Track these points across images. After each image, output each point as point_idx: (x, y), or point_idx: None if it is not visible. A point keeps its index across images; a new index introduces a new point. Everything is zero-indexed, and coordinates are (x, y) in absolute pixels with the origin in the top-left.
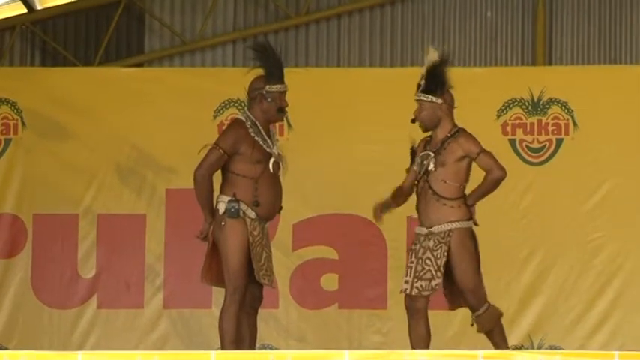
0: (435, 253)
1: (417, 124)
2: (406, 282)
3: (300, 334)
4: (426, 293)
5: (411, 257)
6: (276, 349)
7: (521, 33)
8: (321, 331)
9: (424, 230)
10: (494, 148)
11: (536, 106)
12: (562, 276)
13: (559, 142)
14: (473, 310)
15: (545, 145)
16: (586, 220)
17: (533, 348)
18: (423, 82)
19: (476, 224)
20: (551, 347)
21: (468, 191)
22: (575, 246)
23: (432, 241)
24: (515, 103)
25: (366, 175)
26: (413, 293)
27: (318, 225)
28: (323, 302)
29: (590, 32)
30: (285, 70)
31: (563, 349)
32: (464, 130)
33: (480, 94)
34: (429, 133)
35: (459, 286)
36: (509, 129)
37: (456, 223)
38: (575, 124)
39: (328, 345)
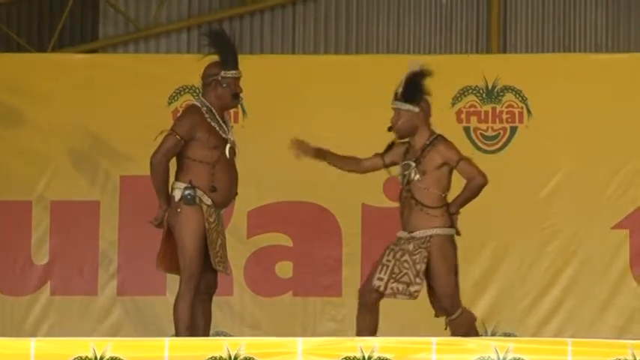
0: (413, 258)
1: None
2: (379, 279)
3: (254, 321)
4: (403, 297)
5: (388, 256)
6: (230, 336)
7: (475, 20)
8: (276, 318)
9: (405, 234)
10: (448, 135)
11: (491, 94)
12: (516, 263)
13: (513, 129)
14: (447, 314)
15: (500, 133)
16: (540, 208)
17: (486, 335)
18: (400, 91)
19: (458, 233)
20: (504, 334)
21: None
22: (529, 234)
23: (411, 245)
24: (470, 91)
25: (320, 162)
26: (386, 293)
27: (273, 212)
28: (277, 290)
29: (545, 20)
30: (240, 57)
31: (517, 336)
32: (442, 137)
33: (435, 81)
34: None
35: (435, 290)
36: (463, 117)
37: (437, 229)
38: (529, 112)
39: (282, 332)
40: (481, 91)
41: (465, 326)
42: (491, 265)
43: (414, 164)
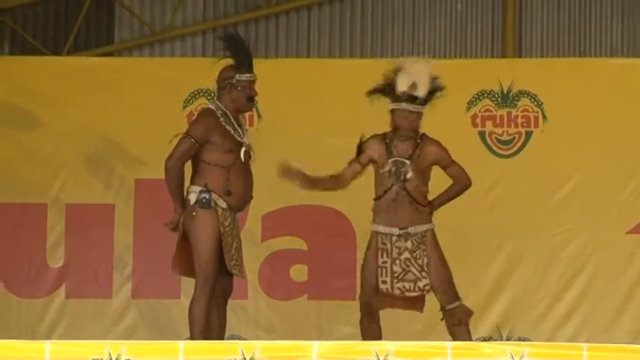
0: (415, 254)
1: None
2: (384, 282)
3: (268, 325)
4: (413, 294)
5: (382, 257)
6: (244, 339)
7: (491, 25)
8: (290, 322)
9: (396, 230)
10: (463, 140)
11: (506, 99)
12: (530, 268)
13: (528, 134)
14: (446, 303)
15: (515, 137)
16: (554, 213)
17: (501, 340)
18: (421, 93)
19: None
20: (519, 339)
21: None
22: (544, 238)
23: (409, 242)
24: (485, 95)
25: (335, 166)
26: (396, 294)
27: (287, 216)
28: (292, 293)
29: (560, 25)
30: (255, 61)
31: (532, 341)
32: (427, 136)
33: (450, 85)
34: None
35: (439, 279)
36: (478, 121)
37: (430, 224)
38: (544, 116)
39: (297, 336)
40: (496, 96)
41: (459, 317)
42: (505, 270)
43: (408, 162)
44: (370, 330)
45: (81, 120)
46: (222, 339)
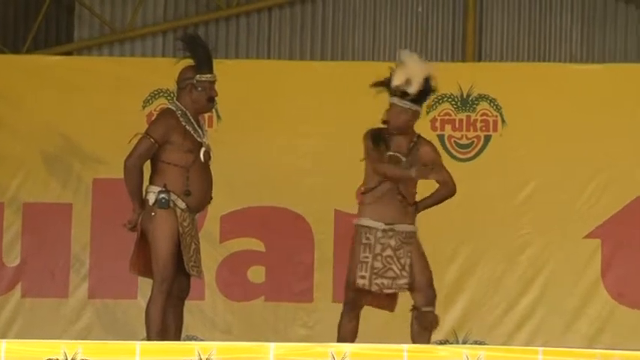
0: (398, 253)
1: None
2: (362, 277)
3: (225, 326)
4: (389, 291)
5: (364, 252)
6: (201, 340)
7: (451, 29)
8: (247, 323)
9: (381, 225)
10: None
11: (465, 103)
12: (488, 272)
13: (487, 138)
14: (423, 305)
15: (474, 141)
16: (513, 217)
17: (458, 343)
18: (412, 91)
19: None
20: (475, 343)
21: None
22: (502, 242)
23: (393, 240)
24: (445, 99)
25: (294, 167)
26: (373, 289)
27: (246, 217)
28: (249, 295)
29: (520, 29)
30: (215, 62)
31: (488, 344)
32: (423, 137)
33: None
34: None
35: (423, 280)
36: (437, 124)
37: (414, 225)
38: (503, 120)
39: (254, 337)
40: (456, 100)
41: (429, 322)
42: (463, 274)
43: (404, 159)
44: (349, 327)
45: (39, 119)
46: (179, 340)
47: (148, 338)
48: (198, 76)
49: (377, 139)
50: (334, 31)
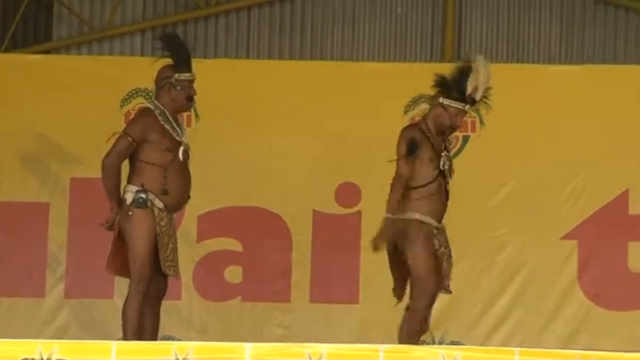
0: (447, 251)
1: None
2: (443, 267)
3: (202, 326)
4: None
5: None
6: (178, 340)
7: (430, 29)
8: (224, 323)
9: (434, 222)
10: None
11: None
12: (465, 272)
13: (465, 139)
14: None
15: (452, 142)
16: (491, 217)
17: (434, 344)
18: (477, 97)
19: None
20: (452, 343)
21: None
22: (480, 243)
23: (444, 238)
24: (423, 99)
25: (272, 167)
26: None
27: (224, 217)
28: (226, 295)
29: (499, 30)
30: (194, 61)
31: (465, 345)
32: None
33: (389, 89)
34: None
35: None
36: None
37: None
38: (481, 121)
39: (230, 338)
40: None
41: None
42: None
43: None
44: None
45: (17, 117)
46: (156, 339)
47: (125, 338)
48: (177, 74)
49: (414, 146)
50: (313, 30)
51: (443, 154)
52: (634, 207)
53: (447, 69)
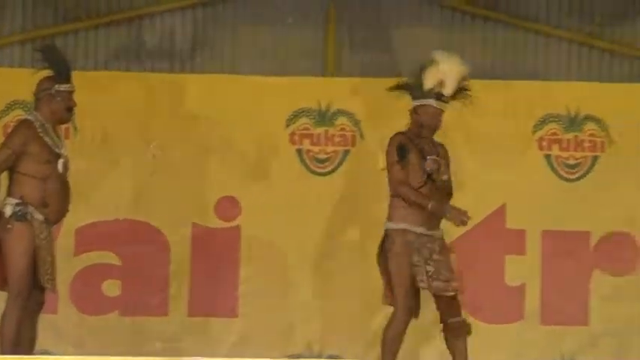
0: (444, 257)
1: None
2: (421, 281)
3: (78, 340)
4: (448, 294)
5: (415, 256)
6: (54, 354)
7: (312, 44)
8: (101, 337)
9: (422, 230)
10: (283, 157)
11: (324, 117)
12: (343, 286)
13: (345, 152)
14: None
15: (332, 156)
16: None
17: (312, 357)
18: (448, 92)
19: None
20: (330, 357)
21: None
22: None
23: (437, 245)
24: (304, 113)
25: (150, 180)
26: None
27: (102, 230)
28: (104, 308)
29: (378, 46)
30: (74, 74)
31: (343, 359)
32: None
33: (271, 103)
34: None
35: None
36: (297, 138)
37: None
38: (362, 135)
39: (108, 352)
40: (314, 114)
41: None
42: (320, 287)
43: (442, 161)
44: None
45: None
46: (32, 354)
47: (1, 352)
48: (57, 85)
49: (404, 150)
50: (195, 42)
51: (428, 157)
52: (511, 221)
53: (328, 83)
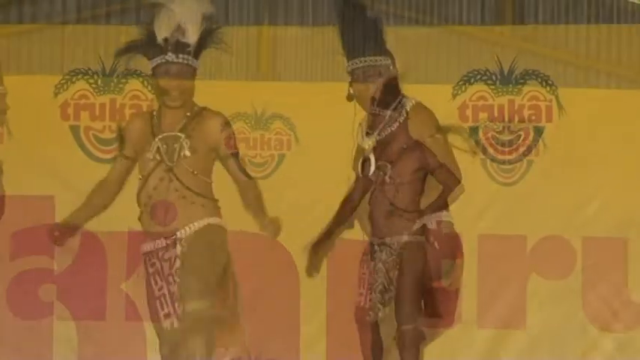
0: (387, 266)
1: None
2: (360, 294)
3: (16, 345)
4: (380, 307)
5: (362, 268)
6: None
7: (246, 48)
8: (38, 342)
9: (375, 239)
10: None
11: (260, 121)
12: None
13: (281, 156)
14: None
15: (268, 160)
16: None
17: None
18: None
19: None
20: None
21: None
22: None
23: (384, 253)
24: (239, 118)
25: (86, 185)
26: (366, 306)
27: (38, 234)
28: (40, 313)
29: (314, 49)
30: (7, 78)
31: None
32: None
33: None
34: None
35: (399, 297)
36: (232, 142)
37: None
38: (297, 139)
39: (45, 356)
40: (250, 118)
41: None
42: (258, 289)
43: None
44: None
45: None
46: None
47: None
48: None
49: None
50: None
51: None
52: None
53: (264, 87)
